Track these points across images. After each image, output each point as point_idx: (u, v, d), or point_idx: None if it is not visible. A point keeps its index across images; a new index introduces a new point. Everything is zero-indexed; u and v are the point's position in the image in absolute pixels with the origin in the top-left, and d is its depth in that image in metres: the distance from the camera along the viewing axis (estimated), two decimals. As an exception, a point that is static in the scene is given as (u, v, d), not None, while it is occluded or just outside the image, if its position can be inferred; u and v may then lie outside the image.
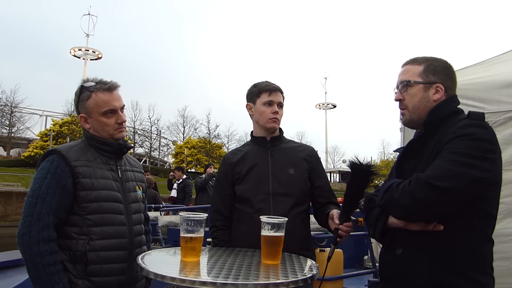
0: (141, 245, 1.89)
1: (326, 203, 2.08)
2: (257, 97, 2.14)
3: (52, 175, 1.67)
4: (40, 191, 1.65)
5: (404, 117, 1.65)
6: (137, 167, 2.05)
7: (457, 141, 1.39)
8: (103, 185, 1.76)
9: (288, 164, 2.08)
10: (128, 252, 1.78)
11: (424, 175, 1.36)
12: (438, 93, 1.58)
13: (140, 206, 1.95)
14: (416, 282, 1.44)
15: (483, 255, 1.44)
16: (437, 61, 1.63)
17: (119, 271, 1.74)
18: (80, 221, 1.69)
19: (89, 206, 1.70)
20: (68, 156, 1.72)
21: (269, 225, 1.56)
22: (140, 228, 1.91)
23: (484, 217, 1.45)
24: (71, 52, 35.47)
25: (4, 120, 38.57)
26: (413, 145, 1.61)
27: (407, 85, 1.61)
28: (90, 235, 1.68)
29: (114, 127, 1.84)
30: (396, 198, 1.41)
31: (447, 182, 1.31)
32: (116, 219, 1.77)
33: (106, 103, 1.80)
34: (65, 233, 1.69)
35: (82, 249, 1.66)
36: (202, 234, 1.54)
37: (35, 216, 1.61)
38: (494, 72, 2.96)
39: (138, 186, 1.97)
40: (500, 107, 2.74)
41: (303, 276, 1.35)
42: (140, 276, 1.85)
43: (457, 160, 1.34)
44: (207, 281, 1.23)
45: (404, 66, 1.67)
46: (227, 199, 2.12)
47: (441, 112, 1.56)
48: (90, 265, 1.67)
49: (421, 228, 1.41)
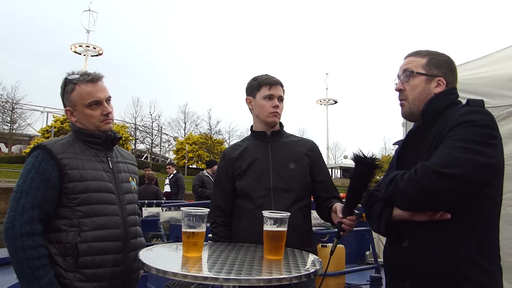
0: (137, 236, 1.87)
1: (329, 198, 2.07)
2: (257, 91, 2.11)
3: (36, 169, 1.66)
4: (24, 186, 1.64)
5: (404, 108, 1.64)
6: (130, 159, 2.03)
7: (460, 128, 1.39)
8: (92, 176, 1.74)
9: (289, 159, 2.06)
10: (123, 243, 1.77)
11: (430, 163, 1.35)
12: (439, 86, 1.58)
13: (134, 197, 1.94)
14: (424, 274, 1.43)
15: (490, 243, 1.44)
16: (440, 55, 1.64)
17: (112, 262, 1.72)
18: (69, 213, 1.67)
19: (78, 197, 1.68)
20: (53, 149, 1.70)
21: (272, 220, 1.55)
22: (135, 219, 1.89)
23: (490, 203, 1.44)
24: (72, 49, 35.48)
25: (5, 117, 38.59)
26: (412, 137, 1.61)
27: (410, 75, 1.61)
28: (81, 226, 1.66)
29: (99, 118, 1.81)
30: (402, 188, 1.39)
31: (455, 169, 1.30)
32: (108, 210, 1.74)
33: (89, 94, 1.78)
34: (54, 226, 1.67)
35: (73, 241, 1.64)
36: (204, 229, 1.53)
37: (19, 210, 1.60)
38: (497, 66, 2.95)
39: (132, 178, 1.96)
40: (502, 101, 2.73)
41: (306, 272, 1.35)
42: (135, 268, 1.83)
43: (463, 147, 1.34)
44: (209, 276, 1.23)
45: (407, 58, 1.67)
46: (227, 195, 2.10)
47: (439, 102, 1.56)
48: (81, 257, 1.64)
49: (428, 218, 1.40)
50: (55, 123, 33.95)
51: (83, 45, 35.27)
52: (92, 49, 35.58)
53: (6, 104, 38.05)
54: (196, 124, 46.73)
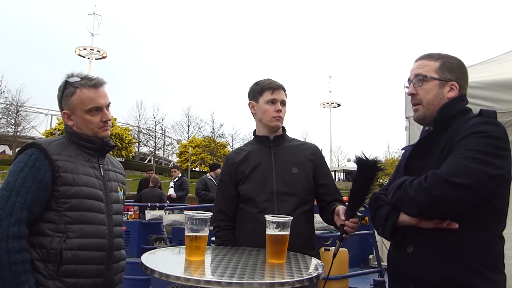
0: (120, 248, 1.81)
1: (332, 201, 2.07)
2: (259, 95, 2.12)
3: (30, 168, 1.58)
4: (15, 184, 1.55)
5: (418, 112, 1.62)
6: (119, 169, 1.98)
7: (472, 138, 1.39)
8: (85, 182, 1.68)
9: (292, 163, 2.07)
10: (107, 254, 1.71)
11: (441, 172, 1.35)
12: (452, 91, 1.58)
13: (121, 208, 1.88)
14: (427, 281, 1.42)
15: (494, 252, 1.44)
16: (453, 59, 1.63)
17: (95, 273, 1.65)
18: (57, 218, 1.60)
19: (68, 202, 1.61)
20: (48, 149, 1.63)
21: (274, 224, 1.55)
22: (120, 230, 1.83)
23: (496, 214, 1.44)
24: (76, 52, 35.69)
25: (10, 119, 38.83)
26: (423, 143, 1.60)
27: (423, 80, 1.59)
28: (68, 232, 1.59)
29: (98, 125, 1.76)
30: (411, 195, 1.39)
31: (465, 179, 1.31)
32: (96, 218, 1.69)
33: (91, 100, 1.73)
34: (38, 229, 1.58)
35: (58, 247, 1.56)
36: (206, 233, 1.53)
37: (7, 210, 1.51)
38: (502, 70, 2.92)
39: (120, 187, 1.90)
40: (509, 106, 2.69)
41: (309, 275, 1.34)
42: (117, 281, 1.78)
43: (474, 157, 1.34)
44: (212, 280, 1.22)
45: (419, 61, 1.64)
46: (230, 199, 2.11)
47: (451, 110, 1.55)
48: (64, 265, 1.57)
49: (434, 225, 1.40)
50: (59, 126, 34.13)
51: (87, 48, 35.48)
52: (96, 52, 35.79)
53: (10, 106, 38.34)
54: (199, 127, 46.95)
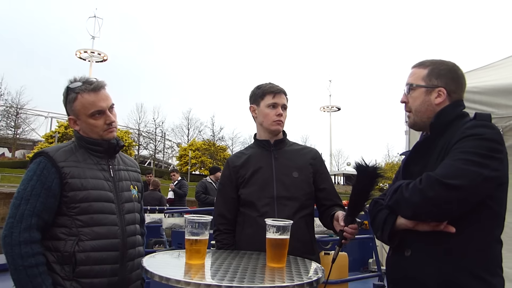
0: (135, 246, 1.85)
1: (332, 205, 2.07)
2: (261, 99, 2.12)
3: (38, 176, 1.65)
4: (24, 193, 1.63)
5: (410, 119, 1.70)
6: (132, 166, 2.00)
7: (466, 141, 1.41)
8: (93, 185, 1.73)
9: (292, 167, 2.07)
10: (121, 253, 1.75)
11: (435, 173, 1.36)
12: (440, 97, 1.60)
13: (134, 206, 1.90)
14: (426, 284, 1.43)
15: (492, 256, 1.44)
16: (443, 65, 1.64)
17: (110, 272, 1.70)
18: (69, 222, 1.66)
19: (78, 207, 1.67)
20: (55, 157, 1.69)
21: (274, 228, 1.55)
22: (134, 228, 1.86)
23: (493, 217, 1.45)
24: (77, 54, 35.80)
25: (9, 122, 38.82)
26: (420, 147, 1.63)
27: (410, 88, 1.66)
28: (80, 235, 1.65)
29: (103, 128, 1.79)
30: (406, 196, 1.40)
31: (459, 180, 1.32)
32: (107, 219, 1.73)
33: (92, 104, 1.75)
34: (53, 234, 1.66)
35: (71, 250, 1.63)
36: (207, 237, 1.53)
37: (17, 217, 1.59)
38: (501, 75, 2.92)
39: (133, 186, 1.93)
40: (509, 111, 2.69)
41: (309, 279, 1.34)
42: (133, 278, 1.82)
43: (467, 159, 1.35)
44: (212, 284, 1.23)
45: (412, 69, 1.70)
46: (230, 203, 2.11)
47: (447, 115, 1.58)
48: (79, 266, 1.63)
49: (431, 228, 1.41)
50: (59, 129, 34.15)
51: (88, 51, 35.57)
52: (97, 55, 35.89)
53: (10, 109, 38.34)
54: (199, 131, 46.95)
